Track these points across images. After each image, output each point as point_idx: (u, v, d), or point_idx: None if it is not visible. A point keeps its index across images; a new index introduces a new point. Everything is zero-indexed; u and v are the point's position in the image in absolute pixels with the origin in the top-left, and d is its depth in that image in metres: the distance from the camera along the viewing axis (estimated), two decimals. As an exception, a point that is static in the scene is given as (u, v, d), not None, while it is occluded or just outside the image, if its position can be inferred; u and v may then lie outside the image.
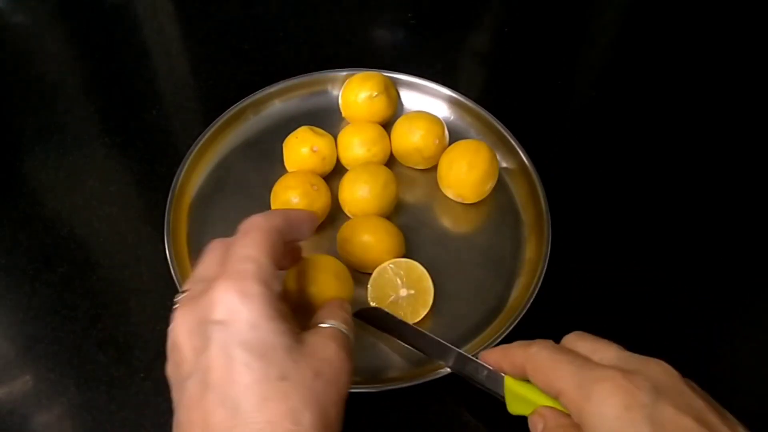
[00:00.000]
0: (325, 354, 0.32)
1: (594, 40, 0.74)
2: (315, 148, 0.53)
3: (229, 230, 0.52)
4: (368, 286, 0.47)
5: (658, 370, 0.31)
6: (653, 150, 0.62)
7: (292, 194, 0.49)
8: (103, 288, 0.50)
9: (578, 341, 0.34)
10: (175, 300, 0.36)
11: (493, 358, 0.37)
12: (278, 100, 0.60)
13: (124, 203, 0.55)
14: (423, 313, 0.46)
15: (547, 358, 0.33)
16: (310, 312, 0.39)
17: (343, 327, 0.35)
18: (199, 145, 0.55)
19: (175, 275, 0.47)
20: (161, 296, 0.49)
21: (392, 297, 0.46)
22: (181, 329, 0.31)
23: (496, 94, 0.66)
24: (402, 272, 0.47)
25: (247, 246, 0.33)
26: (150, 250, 0.51)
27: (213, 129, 0.56)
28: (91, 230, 0.53)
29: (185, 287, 0.36)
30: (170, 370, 0.32)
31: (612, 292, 0.51)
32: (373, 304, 0.46)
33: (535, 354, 0.33)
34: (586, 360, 0.32)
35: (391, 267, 0.47)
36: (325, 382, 0.30)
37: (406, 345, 0.44)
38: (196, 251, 0.51)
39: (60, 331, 0.48)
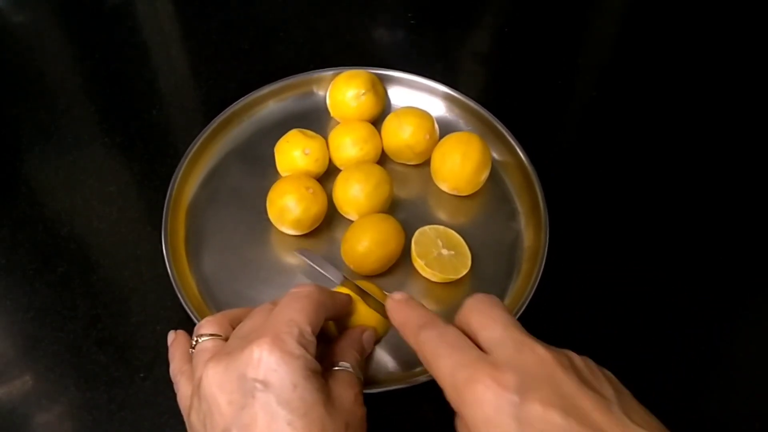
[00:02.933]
0: (349, 404, 0.35)
1: (594, 40, 0.74)
2: (307, 151, 0.52)
3: (226, 234, 0.52)
4: (412, 243, 0.49)
5: (531, 359, 0.30)
6: (653, 149, 0.62)
7: (288, 199, 0.49)
8: (103, 288, 0.50)
9: (473, 314, 0.34)
10: (199, 341, 0.37)
11: (393, 318, 0.37)
12: (271, 101, 0.59)
13: (124, 203, 0.55)
14: (463, 272, 0.48)
15: (430, 352, 0.33)
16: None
17: (355, 369, 0.37)
18: (195, 147, 0.55)
19: (173, 276, 0.47)
20: (161, 296, 0.49)
21: (435, 253, 0.49)
22: (213, 381, 0.33)
23: (496, 93, 0.66)
24: (441, 236, 0.50)
25: (296, 311, 0.35)
26: (150, 250, 0.51)
27: (207, 132, 0.56)
28: (91, 230, 0.53)
29: (207, 331, 0.37)
30: (194, 417, 0.34)
31: (611, 292, 0.52)
32: (420, 261, 0.48)
33: (423, 344, 0.34)
34: (465, 350, 0.32)
35: (429, 229, 0.50)
36: (354, 431, 0.34)
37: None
38: (194, 251, 0.51)
39: (60, 331, 0.48)
